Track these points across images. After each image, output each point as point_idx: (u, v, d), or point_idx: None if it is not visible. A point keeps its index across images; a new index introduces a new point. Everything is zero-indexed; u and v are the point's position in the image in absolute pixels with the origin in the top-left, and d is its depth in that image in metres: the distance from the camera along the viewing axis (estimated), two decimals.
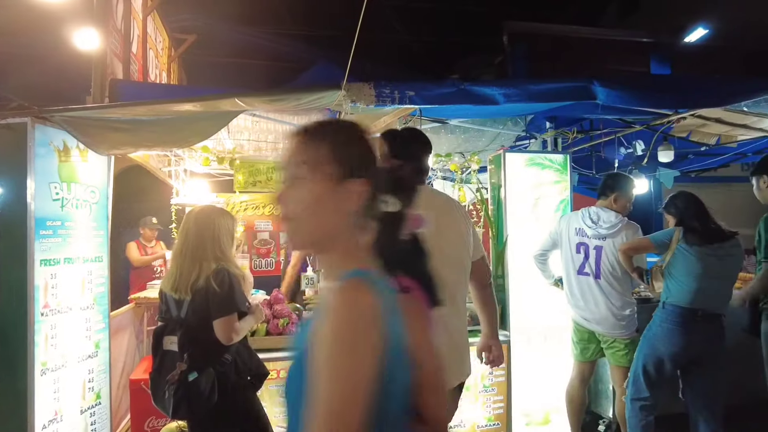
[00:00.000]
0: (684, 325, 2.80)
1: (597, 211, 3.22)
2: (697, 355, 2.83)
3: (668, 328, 2.83)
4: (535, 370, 3.47)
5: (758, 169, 3.07)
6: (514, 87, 2.69)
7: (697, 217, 2.85)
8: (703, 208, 2.91)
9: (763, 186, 3.03)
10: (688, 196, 2.99)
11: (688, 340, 2.80)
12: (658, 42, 11.29)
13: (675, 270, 2.87)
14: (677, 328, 2.81)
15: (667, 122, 4.09)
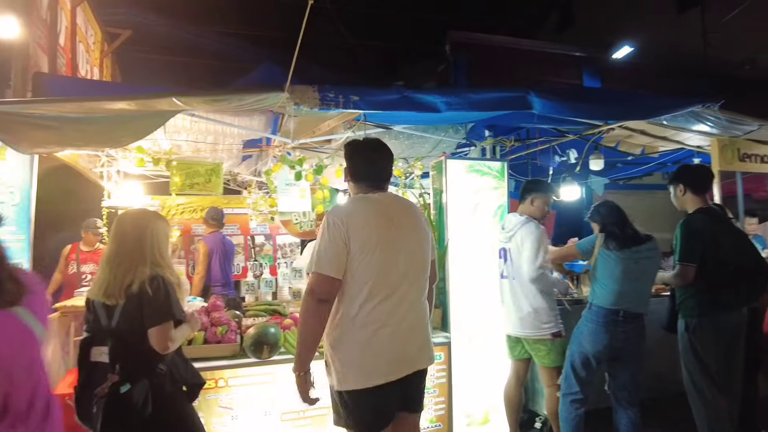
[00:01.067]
0: (607, 324, 2.98)
1: (509, 216, 3.43)
2: (620, 351, 3.02)
3: (594, 328, 3.00)
4: (476, 370, 3.55)
5: (674, 179, 3.26)
6: (455, 95, 2.76)
7: (617, 224, 3.04)
8: (622, 214, 3.09)
9: (679, 194, 3.21)
10: (609, 205, 3.17)
11: (611, 339, 2.97)
12: (590, 57, 11.95)
13: (598, 273, 3.04)
14: (601, 328, 2.99)
15: (597, 132, 4.35)
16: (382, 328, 2.00)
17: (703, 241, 2.96)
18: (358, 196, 2.14)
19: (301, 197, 3.78)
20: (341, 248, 1.97)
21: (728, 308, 3.00)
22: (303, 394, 2.03)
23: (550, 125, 4.06)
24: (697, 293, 3.01)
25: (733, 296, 2.98)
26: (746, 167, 4.66)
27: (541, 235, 3.17)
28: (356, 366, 2.00)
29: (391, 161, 2.23)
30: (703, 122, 3.96)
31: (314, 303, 1.97)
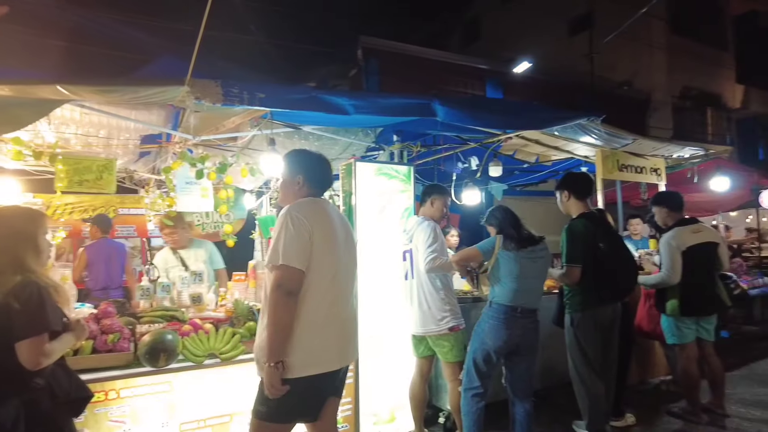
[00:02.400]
0: (507, 320, 3.17)
1: (410, 218, 3.56)
2: (517, 346, 3.23)
3: (494, 324, 3.18)
4: (382, 370, 3.61)
5: (559, 185, 3.59)
6: (363, 99, 2.81)
7: (513, 226, 3.26)
8: (516, 218, 3.33)
9: (564, 199, 3.53)
10: (504, 209, 3.39)
11: (509, 334, 3.17)
12: (493, 70, 12.68)
13: (498, 273, 3.22)
14: (501, 324, 3.17)
15: (496, 141, 4.63)
16: (333, 320, 2.18)
17: (585, 243, 3.29)
18: (309, 199, 2.27)
19: (203, 197, 3.62)
20: (307, 242, 2.09)
21: (605, 303, 3.37)
22: (275, 385, 2.04)
23: (454, 133, 4.25)
24: (581, 290, 3.34)
25: (610, 292, 3.36)
26: (624, 176, 5.22)
27: (432, 230, 3.30)
28: (314, 353, 2.11)
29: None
30: (589, 134, 4.38)
31: (284, 296, 2.04)
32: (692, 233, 3.83)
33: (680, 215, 3.97)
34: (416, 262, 3.36)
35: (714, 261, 3.83)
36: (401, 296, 3.54)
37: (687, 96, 15.00)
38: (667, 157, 5.56)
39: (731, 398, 4.31)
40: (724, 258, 3.90)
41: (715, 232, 4.00)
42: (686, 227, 3.87)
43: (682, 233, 3.84)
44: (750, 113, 16.28)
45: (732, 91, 15.88)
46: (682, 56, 14.48)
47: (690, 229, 3.85)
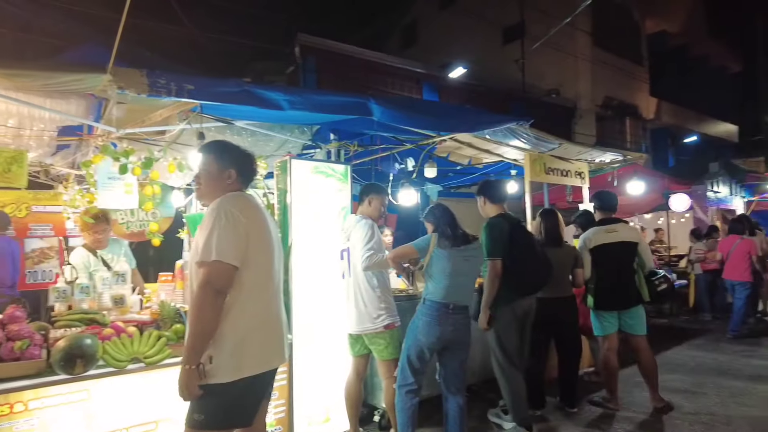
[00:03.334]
0: (440, 317, 3.24)
1: (351, 217, 3.55)
2: (450, 341, 3.31)
3: (427, 321, 3.24)
4: (317, 370, 3.58)
5: (477, 191, 3.83)
6: (298, 95, 2.77)
7: (449, 225, 3.35)
8: (453, 217, 3.42)
9: (481, 203, 3.78)
10: (442, 207, 3.48)
11: (442, 330, 3.25)
12: (430, 74, 12.93)
13: (432, 270, 3.28)
14: (435, 321, 3.24)
15: (431, 143, 4.72)
16: (271, 319, 2.14)
17: (503, 240, 3.51)
18: (240, 193, 2.18)
19: (127, 193, 3.42)
20: (242, 238, 2.01)
21: (521, 297, 3.62)
22: (191, 388, 1.94)
23: (390, 133, 4.29)
24: (500, 285, 3.52)
25: (525, 287, 3.62)
26: (550, 179, 5.49)
27: (370, 228, 3.34)
28: (253, 354, 2.04)
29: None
30: (518, 138, 4.56)
31: (212, 294, 1.94)
32: (606, 233, 4.06)
33: (607, 215, 4.20)
34: (353, 261, 3.37)
35: (631, 258, 4.05)
36: (339, 295, 3.52)
37: (608, 105, 16.03)
38: (590, 162, 5.92)
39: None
40: (644, 256, 4.09)
41: (633, 233, 4.16)
42: (601, 227, 4.11)
43: (594, 233, 4.11)
44: (662, 124, 17.67)
45: (647, 103, 17.15)
46: (604, 68, 15.47)
47: (604, 229, 4.08)
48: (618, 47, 16.33)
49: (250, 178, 2.29)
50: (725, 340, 6.63)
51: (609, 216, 4.19)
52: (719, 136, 20.46)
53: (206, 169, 2.19)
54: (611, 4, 16.17)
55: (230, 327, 2.00)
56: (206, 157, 2.20)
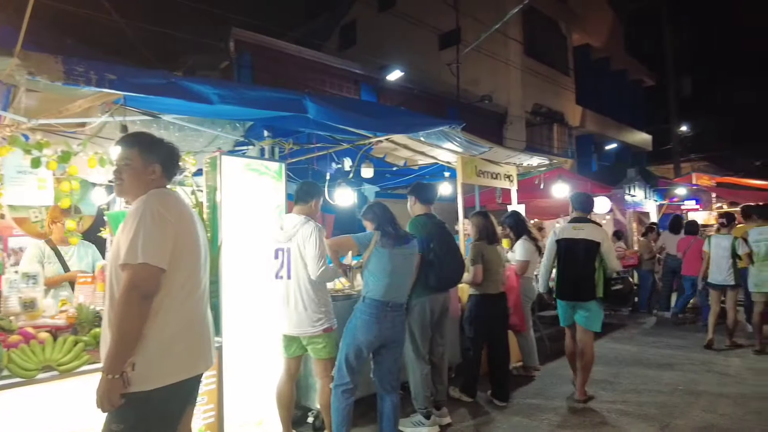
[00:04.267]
0: (379, 316, 3.28)
1: (288, 216, 3.48)
2: (387, 339, 3.36)
3: (367, 320, 3.26)
4: (249, 373, 3.49)
5: (409, 192, 4.02)
6: (228, 89, 2.69)
7: (390, 223, 3.40)
8: (393, 216, 3.48)
9: (411, 203, 3.99)
10: (382, 206, 3.53)
11: (380, 328, 3.29)
12: (368, 75, 12.99)
13: (373, 268, 3.31)
14: (374, 319, 3.27)
15: (368, 143, 4.75)
16: (197, 322, 2.05)
17: (424, 236, 3.72)
18: (165, 190, 2.07)
19: (40, 189, 3.18)
20: (169, 238, 1.92)
21: (435, 292, 3.80)
22: (112, 398, 1.82)
23: (327, 132, 4.26)
24: (418, 279, 3.69)
25: (443, 282, 3.80)
26: (481, 181, 5.68)
27: (321, 234, 3.31)
28: (178, 359, 1.95)
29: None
30: (451, 141, 4.69)
31: (139, 299, 1.83)
32: (573, 229, 4.35)
33: (580, 214, 4.45)
34: (296, 263, 3.28)
35: (591, 256, 4.22)
36: (271, 296, 3.42)
37: (537, 112, 16.83)
38: (519, 165, 6.19)
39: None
40: (607, 257, 4.22)
41: (598, 233, 4.28)
42: (571, 224, 4.43)
43: (563, 227, 4.50)
44: (586, 131, 18.77)
45: (573, 111, 18.16)
46: (534, 77, 16.22)
47: (572, 226, 4.38)
48: (547, 57, 17.20)
49: (174, 174, 2.19)
50: (639, 333, 7.14)
51: (582, 215, 4.44)
52: (636, 144, 22.04)
53: (129, 163, 2.04)
54: (541, 16, 17.01)
55: (155, 332, 1.90)
56: (129, 151, 2.06)
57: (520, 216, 5.13)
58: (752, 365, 5.33)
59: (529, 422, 3.92)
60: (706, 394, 4.43)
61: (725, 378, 4.87)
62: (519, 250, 4.97)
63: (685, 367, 5.28)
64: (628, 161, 18.13)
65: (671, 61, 20.04)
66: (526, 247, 4.96)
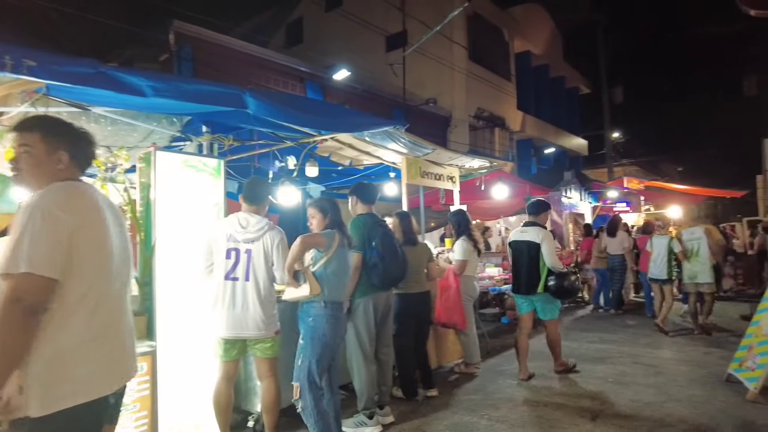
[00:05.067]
0: (341, 317, 3.34)
1: (246, 217, 3.31)
2: (342, 339, 3.42)
3: (334, 323, 3.24)
4: (186, 377, 3.36)
5: (350, 192, 4.03)
6: (163, 81, 2.56)
7: (342, 224, 3.41)
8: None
9: (353, 203, 4.00)
10: (334, 202, 3.48)
11: (343, 329, 3.37)
12: (314, 74, 12.86)
13: (334, 269, 3.26)
14: (338, 321, 3.29)
15: (312, 142, 4.69)
16: (103, 337, 1.76)
17: (365, 236, 3.74)
18: (69, 184, 1.77)
19: None
20: (62, 241, 1.62)
21: (378, 291, 3.82)
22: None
23: (269, 129, 4.17)
24: (360, 279, 3.72)
25: (385, 281, 3.80)
26: (425, 182, 5.75)
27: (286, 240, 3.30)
28: (86, 377, 1.70)
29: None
30: (396, 142, 4.71)
31: (22, 314, 1.55)
32: (520, 232, 4.98)
33: (531, 218, 5.00)
34: (257, 266, 3.18)
35: (534, 255, 4.74)
36: (217, 297, 3.21)
37: (480, 116, 17.27)
38: (461, 167, 6.32)
39: (511, 373, 5.08)
40: (546, 257, 4.69)
41: (538, 235, 4.77)
42: (520, 227, 5.07)
43: (514, 231, 5.15)
44: (526, 135, 19.47)
45: (514, 116, 18.78)
46: (477, 82, 16.65)
47: (520, 229, 5.02)
48: (490, 63, 17.70)
49: (86, 163, 1.91)
50: (574, 329, 7.48)
51: (531, 220, 5.00)
52: (573, 149, 23.11)
53: (28, 150, 1.75)
54: (484, 22, 17.49)
55: (46, 349, 1.63)
56: (29, 135, 1.77)
57: (465, 215, 5.22)
58: (673, 356, 5.71)
59: (470, 418, 4.00)
60: (633, 384, 4.69)
61: (649, 369, 5.19)
62: (457, 249, 5.04)
63: (616, 360, 5.57)
64: (565, 165, 19.00)
65: (605, 70, 21.16)
66: (464, 246, 5.03)
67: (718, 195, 16.20)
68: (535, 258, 4.74)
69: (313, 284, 3.17)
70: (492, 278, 6.66)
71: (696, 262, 6.70)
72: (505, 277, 6.80)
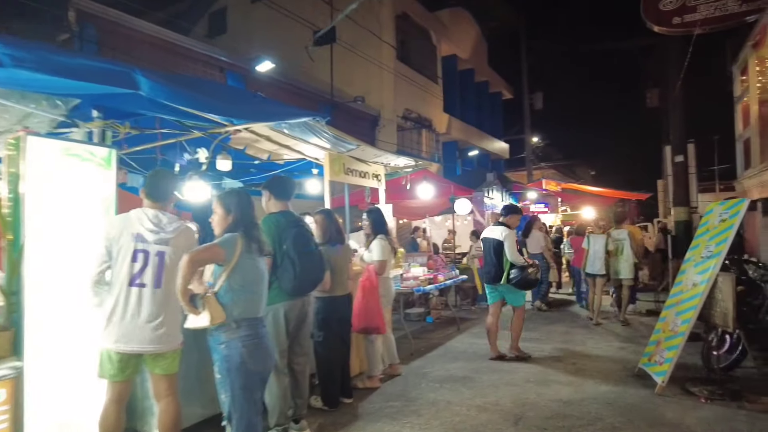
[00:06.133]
0: (262, 333, 2.85)
1: (157, 214, 2.87)
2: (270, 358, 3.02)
3: (250, 345, 2.74)
4: (63, 403, 2.87)
5: (263, 187, 3.67)
6: (27, 51, 2.12)
7: (255, 224, 2.94)
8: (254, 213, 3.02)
9: (266, 199, 3.64)
10: (248, 196, 2.97)
11: (267, 348, 2.90)
12: (236, 64, 12.21)
13: (243, 281, 2.75)
14: (258, 340, 2.79)
15: (224, 132, 4.29)
16: None
17: (276, 237, 3.39)
18: None
19: None
20: None
21: (292, 297, 3.46)
22: None
23: (173, 117, 3.73)
24: (270, 285, 3.30)
25: (297, 287, 3.43)
26: (350, 180, 5.50)
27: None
28: None
29: None
30: (318, 136, 4.42)
31: None
32: (488, 230, 5.72)
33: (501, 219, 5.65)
34: (171, 271, 2.77)
35: (498, 250, 5.39)
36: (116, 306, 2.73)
37: (408, 117, 17.32)
38: (387, 165, 6.14)
39: (435, 376, 4.96)
40: (508, 252, 5.32)
41: (500, 233, 5.43)
42: (491, 225, 5.87)
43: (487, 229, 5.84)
44: (451, 138, 19.82)
45: (440, 118, 19.02)
46: (405, 82, 16.67)
47: (490, 228, 5.75)
48: (418, 64, 17.81)
49: None
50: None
51: (500, 220, 5.66)
52: (495, 152, 23.88)
53: None
54: (413, 24, 17.57)
55: None
56: None
57: (381, 213, 4.96)
58: (590, 352, 5.88)
59: (391, 427, 3.81)
60: (553, 383, 4.73)
61: (569, 367, 5.28)
62: (375, 249, 4.71)
63: (538, 360, 5.63)
64: (488, 167, 19.53)
65: (526, 77, 22.06)
66: (383, 245, 4.71)
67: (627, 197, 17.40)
68: (498, 253, 5.37)
69: (214, 310, 2.65)
70: (417, 278, 6.52)
71: (620, 259, 7.56)
72: (429, 277, 6.69)
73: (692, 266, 4.78)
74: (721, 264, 4.35)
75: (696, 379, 4.56)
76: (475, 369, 5.26)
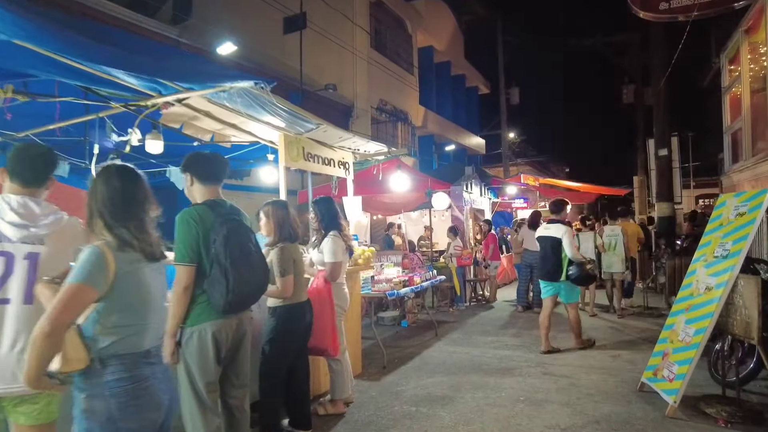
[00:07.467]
0: (147, 378, 1.89)
1: (23, 202, 2.07)
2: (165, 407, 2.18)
3: (123, 395, 1.81)
4: None
5: (183, 166, 2.72)
6: None
7: (137, 213, 2.03)
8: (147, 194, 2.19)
9: (188, 184, 2.72)
10: (129, 172, 2.03)
11: (154, 396, 1.93)
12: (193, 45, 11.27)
13: (117, 303, 1.83)
14: (139, 386, 1.85)
15: (150, 105, 3.48)
16: None
17: (200, 238, 2.52)
18: None
19: None
20: None
21: (223, 315, 2.57)
22: None
23: (77, 81, 2.91)
24: (192, 300, 2.53)
25: (231, 302, 2.51)
26: (311, 167, 4.73)
27: None
28: None
29: None
30: (269, 112, 3.66)
31: None
32: (543, 228, 5.92)
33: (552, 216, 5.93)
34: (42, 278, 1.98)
35: (556, 247, 5.57)
36: None
37: (383, 109, 16.58)
38: (356, 152, 5.39)
39: (410, 396, 4.26)
40: (567, 249, 5.47)
41: (558, 231, 5.59)
42: (544, 224, 6.02)
43: (541, 227, 6.04)
44: (428, 131, 19.17)
45: (416, 111, 18.34)
46: (380, 72, 15.92)
47: (544, 226, 5.98)
48: (393, 54, 17.09)
49: None
50: (476, 333, 6.90)
51: (553, 218, 5.87)
52: (472, 147, 23.33)
53: None
54: (387, 11, 16.82)
55: None
56: None
57: (333, 204, 3.98)
58: (581, 362, 5.25)
59: None
60: (546, 403, 4.08)
61: (561, 380, 4.64)
62: (326, 249, 3.79)
63: (524, 371, 4.98)
64: (464, 162, 18.94)
65: (503, 72, 21.57)
66: (337, 244, 3.82)
67: (605, 193, 17.08)
68: (557, 250, 5.55)
69: (72, 349, 1.76)
70: (390, 281, 5.66)
71: (612, 254, 7.86)
72: (404, 279, 5.88)
73: (702, 266, 4.18)
74: (740, 265, 3.75)
75: (710, 397, 3.98)
76: (456, 386, 4.57)
